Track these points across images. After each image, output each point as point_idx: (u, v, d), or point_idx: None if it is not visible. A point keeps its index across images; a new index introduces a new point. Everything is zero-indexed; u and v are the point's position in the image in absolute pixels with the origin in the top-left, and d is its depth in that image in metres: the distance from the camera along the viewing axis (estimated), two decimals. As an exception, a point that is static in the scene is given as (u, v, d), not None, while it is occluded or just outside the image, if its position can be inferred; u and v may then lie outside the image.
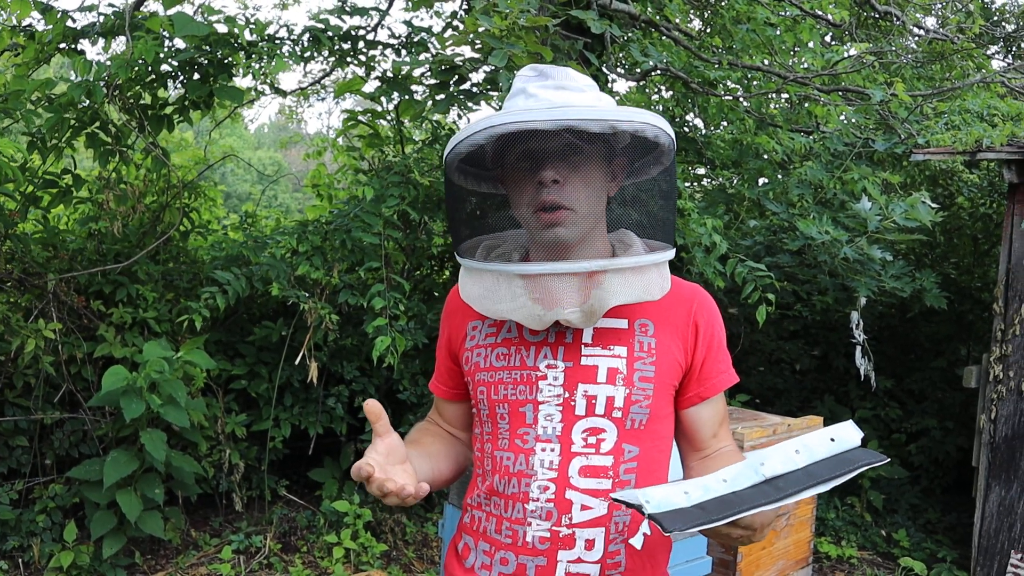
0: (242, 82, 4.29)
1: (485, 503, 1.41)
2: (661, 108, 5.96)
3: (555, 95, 1.29)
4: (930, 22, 8.32)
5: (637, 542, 1.23)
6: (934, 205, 3.71)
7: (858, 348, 4.14)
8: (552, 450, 1.34)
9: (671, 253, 1.34)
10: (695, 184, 6.18)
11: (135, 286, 4.24)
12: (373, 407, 1.23)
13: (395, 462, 1.25)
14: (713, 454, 1.43)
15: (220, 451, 4.33)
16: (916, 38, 6.39)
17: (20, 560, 3.84)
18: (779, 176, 5.22)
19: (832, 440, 1.14)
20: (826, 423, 5.72)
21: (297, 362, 4.19)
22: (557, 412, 1.35)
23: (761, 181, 5.19)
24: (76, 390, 4.09)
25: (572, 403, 1.34)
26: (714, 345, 1.42)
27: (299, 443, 4.78)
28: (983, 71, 5.65)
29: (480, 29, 2.74)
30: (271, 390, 4.54)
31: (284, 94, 4.62)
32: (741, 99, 4.64)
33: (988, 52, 8.39)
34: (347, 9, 3.78)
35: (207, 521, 4.53)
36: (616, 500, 1.13)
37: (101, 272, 4.18)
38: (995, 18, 9.46)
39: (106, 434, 4.09)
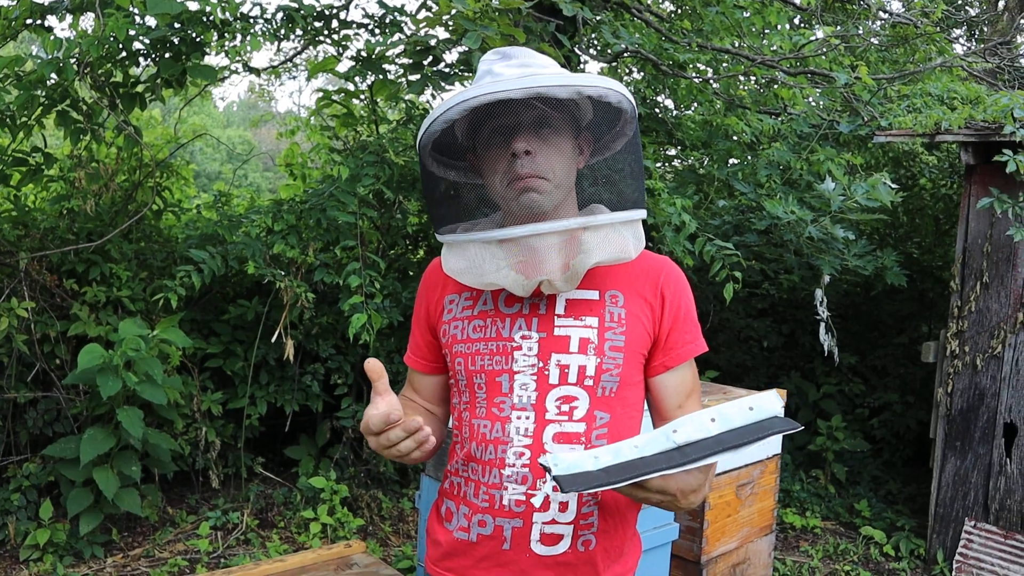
0: (214, 60, 4.29)
1: (463, 469, 1.46)
2: (632, 89, 6.02)
3: (519, 71, 1.34)
4: (895, 6, 8.45)
5: (537, 500, 1.35)
6: (894, 186, 3.82)
7: (822, 325, 4.26)
8: (527, 418, 1.39)
9: (642, 213, 1.39)
10: (666, 165, 6.27)
11: (108, 265, 4.24)
12: (375, 366, 1.27)
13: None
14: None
15: (196, 429, 4.36)
16: (881, 22, 6.50)
17: (-4, 538, 3.86)
18: (748, 157, 5.32)
19: (751, 409, 1.15)
20: (790, 398, 5.88)
21: (273, 340, 4.22)
22: (532, 381, 1.40)
23: (731, 162, 5.29)
24: (49, 369, 4.10)
25: (546, 372, 1.40)
26: (680, 315, 1.47)
27: (275, 421, 4.82)
28: (944, 55, 5.78)
29: (452, 11, 2.77)
30: (247, 368, 4.56)
31: (257, 72, 4.61)
32: (710, 81, 4.71)
33: (951, 36, 8.55)
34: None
35: (184, 498, 4.56)
36: (540, 464, 1.20)
37: (74, 251, 4.17)
38: (958, 2, 9.63)
39: (81, 412, 4.10)
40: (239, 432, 4.58)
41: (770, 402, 1.15)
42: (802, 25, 6.86)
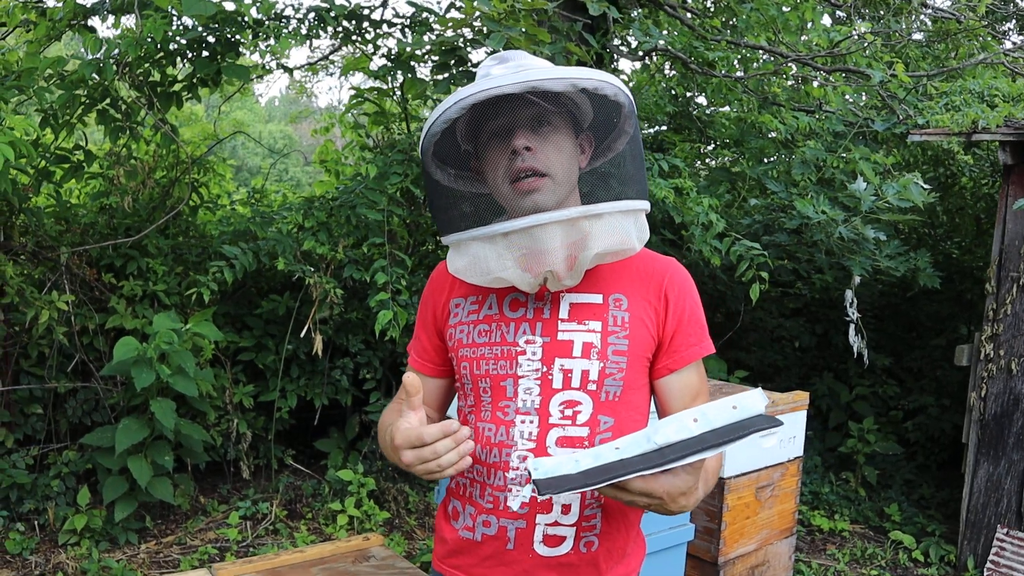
0: (251, 58, 4.36)
1: (469, 470, 1.47)
2: (665, 87, 5.99)
3: (515, 72, 1.33)
4: (939, 1, 8.27)
5: (514, 503, 1.32)
6: (926, 186, 3.76)
7: (851, 326, 4.21)
8: (531, 422, 1.40)
9: (645, 204, 1.37)
10: (699, 163, 6.23)
11: (145, 259, 4.35)
12: (413, 381, 1.29)
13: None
14: None
15: (228, 420, 4.47)
16: (923, 16, 6.38)
17: (36, 522, 3.99)
18: (781, 155, 5.27)
19: (734, 408, 1.13)
20: (822, 399, 5.82)
21: (303, 335, 4.30)
22: (536, 386, 1.40)
23: (765, 161, 5.24)
24: (88, 360, 4.22)
25: (550, 377, 1.40)
26: (685, 318, 1.46)
27: (305, 414, 4.91)
28: (987, 51, 5.65)
29: (476, 14, 2.80)
30: (278, 362, 4.65)
31: (290, 71, 4.69)
32: (738, 80, 4.67)
33: (1002, 29, 8.33)
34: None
35: (215, 488, 4.67)
36: (524, 468, 1.20)
37: (112, 246, 4.29)
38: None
39: (118, 403, 4.23)
40: (270, 424, 4.67)
41: (754, 401, 1.13)
42: (845, 20, 6.76)
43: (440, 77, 3.44)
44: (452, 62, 3.42)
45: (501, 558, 1.43)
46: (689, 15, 5.37)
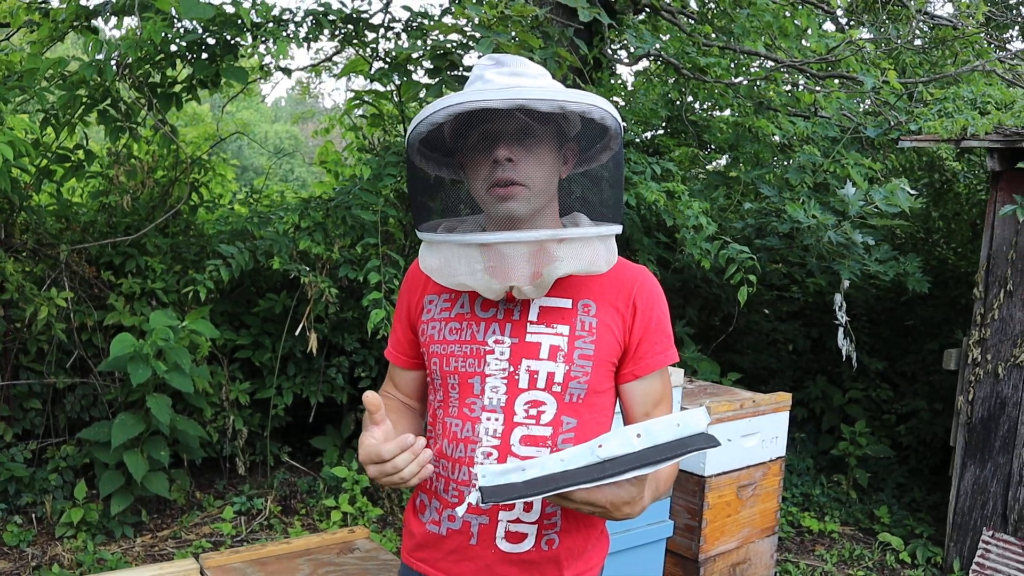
0: (253, 59, 4.42)
1: (435, 464, 1.50)
2: (662, 91, 6.04)
3: (509, 80, 1.37)
4: (939, 4, 8.30)
5: (460, 510, 1.31)
6: (913, 192, 3.80)
7: (840, 329, 4.26)
8: (496, 419, 1.44)
9: (617, 228, 1.42)
10: (694, 168, 6.27)
11: (144, 258, 4.42)
12: (372, 400, 1.31)
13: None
14: None
15: (224, 417, 4.53)
16: (920, 22, 6.42)
17: (33, 515, 4.06)
18: (776, 159, 5.32)
19: (678, 425, 1.16)
20: (815, 402, 5.86)
21: (298, 333, 4.36)
22: (502, 384, 1.44)
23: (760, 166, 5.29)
24: (87, 356, 4.29)
25: (516, 377, 1.44)
26: (652, 326, 1.48)
27: (301, 411, 4.97)
28: (982, 58, 5.69)
29: (464, 21, 2.85)
30: (274, 360, 4.72)
31: (289, 73, 4.75)
32: (728, 85, 4.72)
33: (1004, 37, 8.35)
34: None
35: (211, 484, 4.74)
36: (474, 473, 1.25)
37: (112, 244, 4.36)
38: (1012, 1, 9.39)
39: (115, 398, 4.29)
40: (266, 421, 4.73)
41: (697, 419, 1.16)
42: (846, 27, 6.81)
43: (432, 81, 3.50)
44: (445, 66, 3.48)
45: (464, 553, 1.46)
46: (688, 20, 5.42)
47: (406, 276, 1.64)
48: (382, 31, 4.19)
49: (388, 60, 4.20)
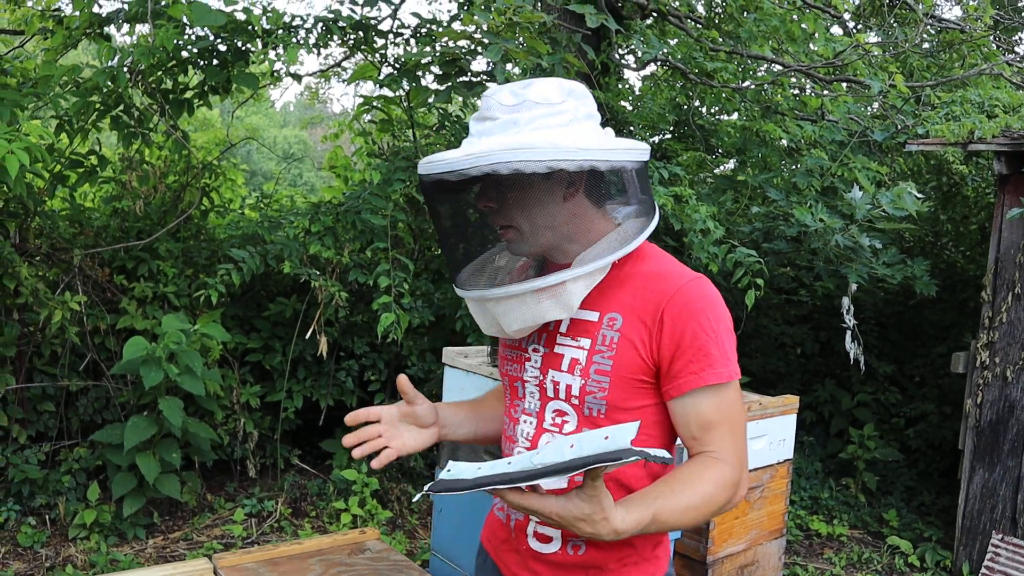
0: (261, 66, 4.46)
1: (494, 454, 1.66)
2: (670, 96, 6.07)
3: (479, 127, 1.40)
4: (947, 8, 8.30)
5: (416, 496, 1.50)
6: (920, 195, 3.81)
7: (848, 333, 4.26)
8: (530, 423, 1.50)
9: (561, 276, 1.38)
10: (701, 172, 6.29)
11: (156, 262, 4.46)
12: (401, 383, 1.51)
13: (408, 423, 1.56)
14: (696, 455, 1.41)
15: (235, 420, 4.57)
16: (927, 25, 6.43)
17: (47, 517, 4.10)
18: (784, 163, 5.33)
19: (606, 438, 1.15)
20: (824, 406, 5.86)
21: (308, 337, 4.40)
22: (536, 391, 1.50)
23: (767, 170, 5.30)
24: (100, 359, 4.34)
25: (544, 386, 1.48)
26: (685, 343, 1.37)
27: (311, 414, 5.00)
28: (989, 62, 5.69)
29: (471, 29, 2.88)
30: (285, 363, 4.75)
31: (299, 79, 4.80)
32: (735, 89, 4.75)
33: (1012, 40, 8.34)
34: (358, 1, 3.94)
35: (222, 486, 4.77)
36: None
37: (124, 248, 4.40)
38: (1020, 4, 9.37)
39: (127, 401, 4.33)
40: (276, 424, 4.77)
41: (625, 433, 1.14)
42: (855, 31, 6.82)
43: (441, 87, 3.53)
44: (454, 72, 3.51)
45: (512, 544, 1.54)
46: (695, 25, 5.45)
47: None
48: (391, 37, 4.23)
49: (397, 66, 4.23)
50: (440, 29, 3.78)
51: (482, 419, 1.69)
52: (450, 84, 3.46)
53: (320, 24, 4.04)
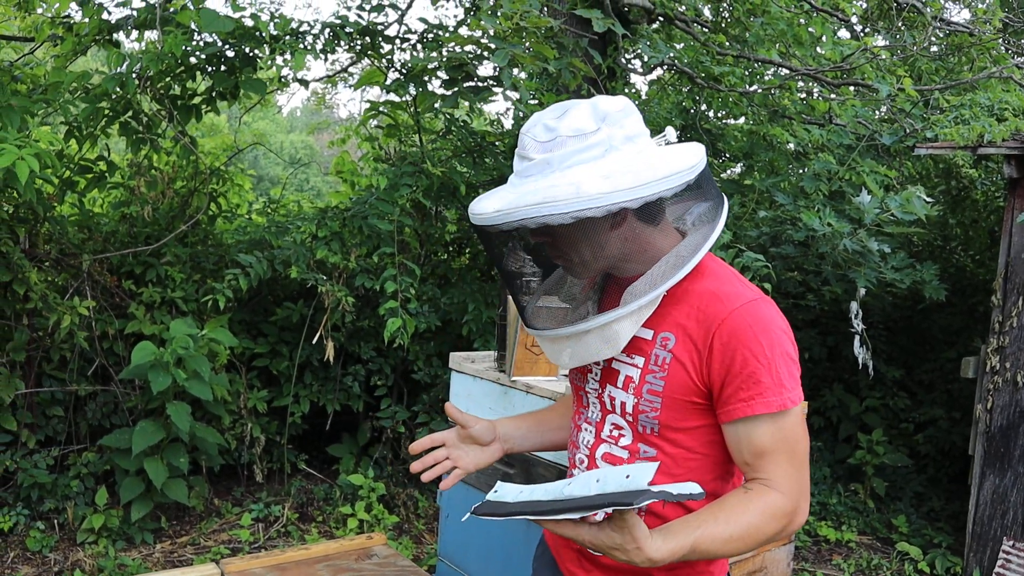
0: (269, 71, 4.47)
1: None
2: (676, 100, 6.06)
3: (519, 167, 1.40)
4: (956, 11, 8.27)
5: (464, 516, 1.62)
6: (929, 199, 3.80)
7: (856, 337, 4.24)
8: (590, 432, 1.56)
9: (609, 316, 1.40)
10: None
11: (164, 267, 4.48)
12: (450, 411, 1.61)
13: (469, 443, 1.65)
14: (749, 481, 1.39)
15: (242, 425, 4.57)
16: (935, 28, 6.41)
17: (56, 521, 4.11)
18: (791, 167, 5.31)
19: (627, 477, 1.17)
20: (832, 411, 5.83)
21: (315, 342, 4.40)
22: (597, 403, 1.55)
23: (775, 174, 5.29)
24: (108, 364, 4.35)
25: (603, 399, 1.52)
26: (735, 369, 1.35)
27: (318, 419, 5.01)
28: (999, 65, 5.67)
29: (478, 34, 2.89)
30: (291, 368, 4.76)
31: (306, 84, 4.81)
32: (743, 93, 4.74)
33: (1022, 42, 8.31)
34: (365, 7, 3.95)
35: (229, 491, 4.78)
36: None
37: (132, 253, 4.42)
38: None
39: (135, 406, 4.35)
40: (283, 429, 4.77)
41: (644, 474, 1.17)
42: (863, 33, 6.80)
43: (448, 92, 3.54)
44: (460, 77, 3.51)
45: (571, 543, 1.58)
46: (702, 29, 5.44)
47: None
48: (397, 42, 4.24)
49: (404, 71, 4.24)
50: (447, 34, 3.78)
51: (548, 430, 1.77)
52: (457, 89, 3.47)
53: (327, 30, 4.05)
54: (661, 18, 5.17)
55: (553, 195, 1.30)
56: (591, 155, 1.35)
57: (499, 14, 3.01)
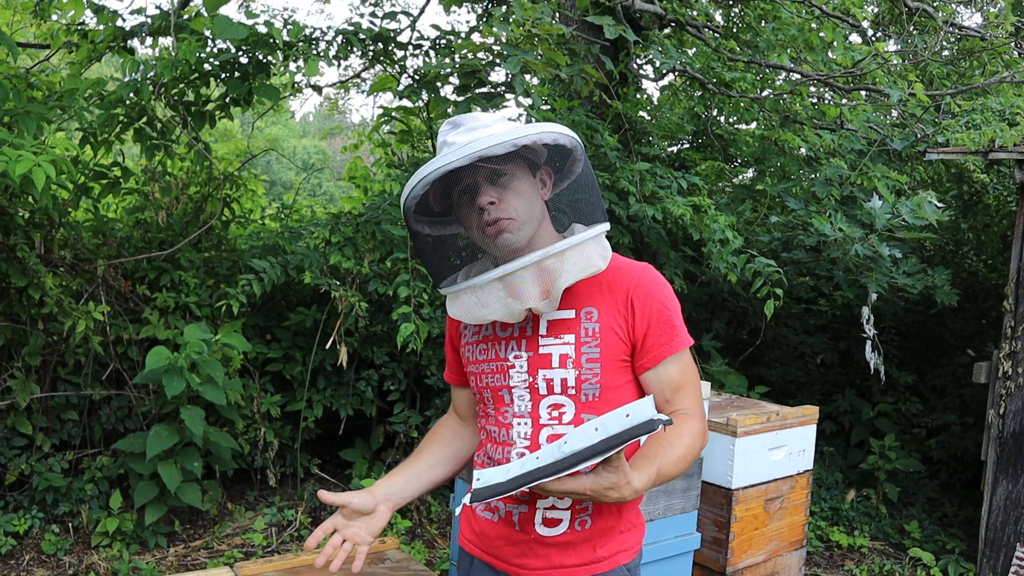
0: (285, 76, 4.52)
1: (485, 462, 1.72)
2: (687, 106, 6.07)
3: (467, 136, 1.54)
4: (966, 15, 8.24)
5: (457, 509, 1.62)
6: (940, 204, 3.79)
7: (868, 342, 4.24)
8: (525, 423, 1.63)
9: (603, 227, 1.60)
10: (720, 181, 6.28)
11: (178, 272, 4.51)
12: (322, 496, 1.60)
13: (355, 517, 1.67)
14: (671, 414, 1.63)
15: (256, 429, 4.60)
16: (946, 33, 6.39)
17: (70, 524, 4.14)
18: (803, 172, 5.31)
19: (627, 416, 1.29)
20: (844, 416, 5.82)
21: (328, 347, 4.43)
22: (526, 393, 1.63)
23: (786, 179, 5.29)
24: (122, 369, 4.38)
25: (536, 385, 1.62)
26: (653, 320, 1.61)
27: (331, 424, 5.02)
28: (1010, 69, 5.65)
29: (490, 41, 2.91)
30: (305, 373, 4.78)
31: (319, 90, 4.84)
32: (754, 99, 4.74)
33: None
34: (377, 14, 3.98)
35: (243, 495, 4.80)
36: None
37: (147, 259, 4.45)
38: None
39: (149, 410, 4.38)
40: (296, 434, 4.80)
41: (643, 408, 1.28)
42: (874, 38, 6.80)
43: (461, 98, 3.56)
44: (473, 83, 3.54)
45: (510, 538, 1.66)
46: (714, 35, 5.45)
47: None
48: (410, 49, 4.27)
49: (416, 77, 4.27)
50: (459, 41, 3.80)
51: (423, 471, 1.80)
52: (469, 95, 3.49)
53: (340, 36, 4.08)
54: (672, 24, 5.18)
55: (527, 128, 1.51)
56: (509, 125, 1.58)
57: (511, 21, 3.03)
